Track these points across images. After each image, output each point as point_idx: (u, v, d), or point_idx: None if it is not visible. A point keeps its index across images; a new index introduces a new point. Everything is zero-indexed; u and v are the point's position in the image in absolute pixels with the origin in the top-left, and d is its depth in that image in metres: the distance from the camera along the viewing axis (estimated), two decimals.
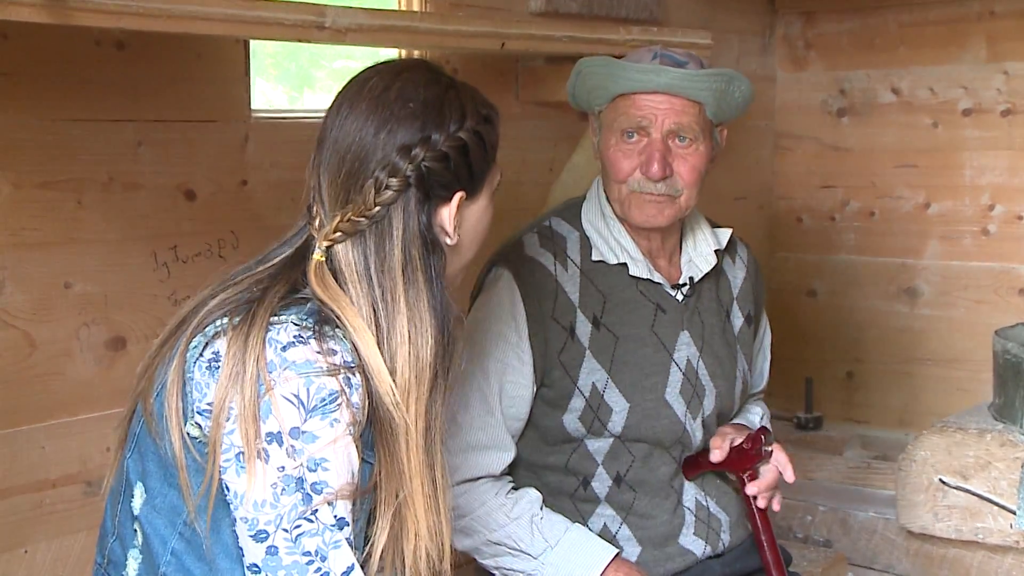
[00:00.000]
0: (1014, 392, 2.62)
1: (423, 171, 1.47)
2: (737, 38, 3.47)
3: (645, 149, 1.95)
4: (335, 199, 1.47)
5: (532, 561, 1.93)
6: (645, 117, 1.95)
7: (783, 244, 3.71)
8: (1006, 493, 2.55)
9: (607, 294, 2.02)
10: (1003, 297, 3.35)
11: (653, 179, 1.94)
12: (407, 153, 1.46)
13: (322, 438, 1.38)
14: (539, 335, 1.97)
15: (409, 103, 1.47)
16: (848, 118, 3.58)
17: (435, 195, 1.49)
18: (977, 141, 3.37)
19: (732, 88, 1.98)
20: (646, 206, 1.97)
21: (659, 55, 1.98)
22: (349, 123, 1.48)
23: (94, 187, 2.04)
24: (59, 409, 2.01)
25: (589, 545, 1.95)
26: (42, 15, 1.67)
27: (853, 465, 3.20)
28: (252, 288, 1.47)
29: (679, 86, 1.93)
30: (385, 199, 1.46)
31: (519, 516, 1.94)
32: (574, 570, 1.92)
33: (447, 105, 1.49)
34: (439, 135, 1.48)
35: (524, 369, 1.97)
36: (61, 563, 2.02)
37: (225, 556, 1.44)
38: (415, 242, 1.47)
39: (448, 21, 2.44)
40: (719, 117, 2.01)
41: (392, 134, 1.46)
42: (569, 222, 2.07)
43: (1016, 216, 3.33)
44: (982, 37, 3.33)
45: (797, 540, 2.88)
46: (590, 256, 2.03)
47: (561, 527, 1.95)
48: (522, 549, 1.94)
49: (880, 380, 3.58)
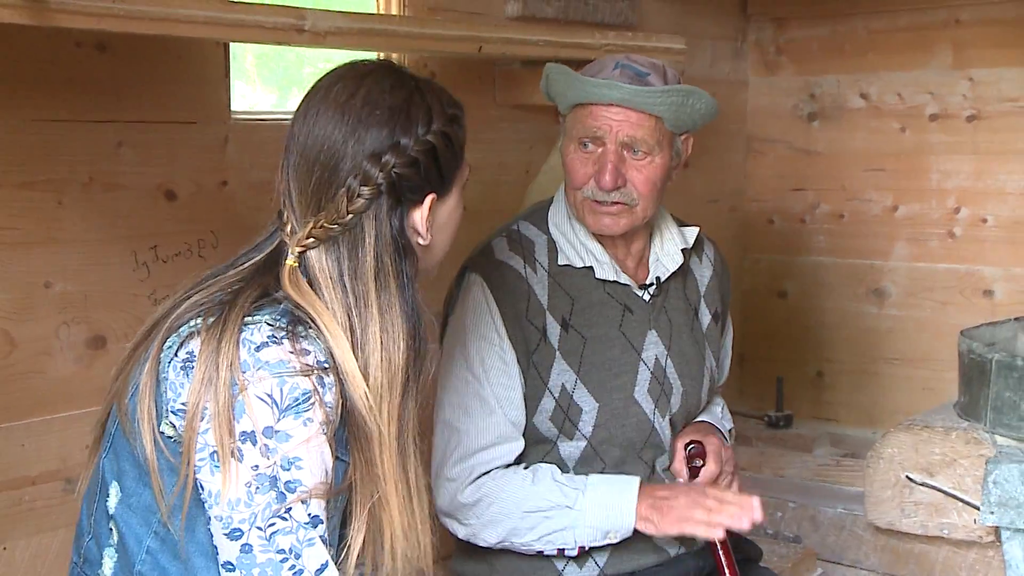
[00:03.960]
0: (979, 391, 2.63)
1: (394, 178, 1.46)
2: (710, 43, 3.49)
3: (599, 159, 1.95)
4: (306, 206, 1.47)
5: (570, 512, 1.93)
6: (600, 128, 1.95)
7: (754, 246, 3.72)
8: (971, 490, 2.56)
9: (575, 297, 2.02)
10: (968, 298, 3.37)
11: (605, 189, 1.94)
12: (377, 160, 1.45)
13: (295, 437, 1.38)
14: (517, 335, 1.98)
15: (376, 109, 1.46)
16: (818, 122, 3.60)
17: (407, 199, 1.49)
18: (943, 146, 3.39)
19: (691, 101, 1.96)
20: (600, 215, 1.98)
21: (620, 66, 1.96)
22: (317, 129, 1.47)
23: (75, 187, 2.03)
24: (39, 407, 2.00)
25: (615, 479, 1.96)
26: (23, 16, 1.66)
27: (822, 462, 3.21)
28: (225, 290, 1.46)
29: (633, 100, 1.93)
30: (357, 207, 1.45)
31: (542, 479, 1.95)
32: (612, 502, 1.93)
33: (414, 108, 1.48)
34: (408, 140, 1.47)
35: (510, 369, 1.97)
36: (40, 560, 2.01)
37: (200, 554, 1.43)
38: (387, 248, 1.47)
39: (426, 25, 2.44)
40: (680, 128, 2.00)
41: (361, 141, 1.45)
42: (536, 226, 2.07)
43: (981, 219, 3.35)
44: (948, 44, 3.35)
45: (767, 536, 2.88)
46: (557, 260, 2.03)
47: (581, 477, 1.96)
48: (556, 504, 1.93)
49: (849, 379, 3.59)
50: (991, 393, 2.58)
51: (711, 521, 1.90)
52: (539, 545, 1.95)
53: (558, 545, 1.94)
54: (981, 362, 2.62)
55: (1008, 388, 2.55)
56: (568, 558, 1.98)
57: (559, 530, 1.93)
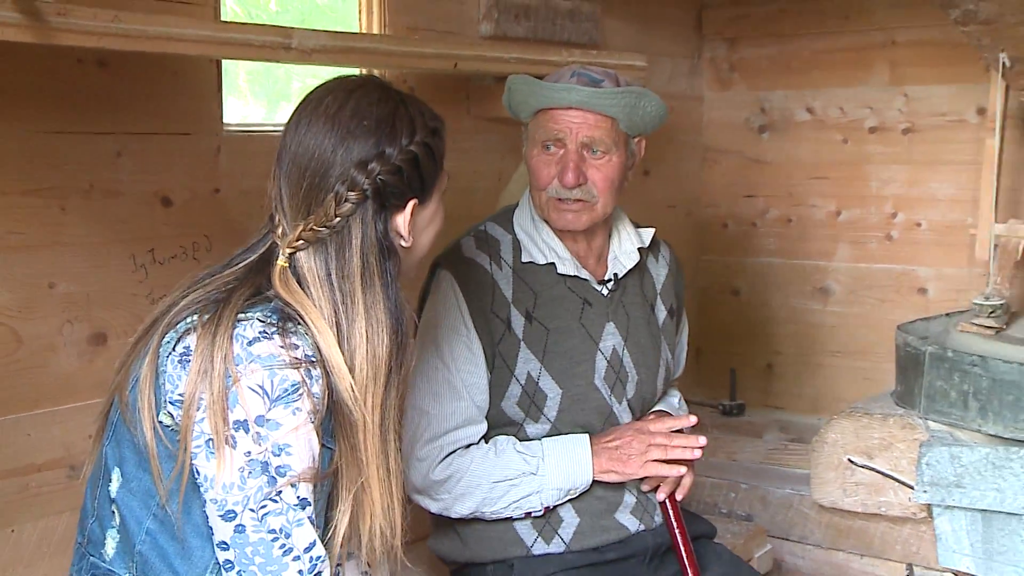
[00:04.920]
0: (913, 381, 2.66)
1: (379, 184, 1.47)
2: (668, 61, 3.49)
3: (561, 159, 1.97)
4: (297, 210, 1.47)
5: (535, 478, 1.94)
6: (561, 130, 1.96)
7: (710, 248, 3.72)
8: (906, 471, 2.59)
9: (538, 291, 2.03)
10: (904, 296, 3.38)
11: (568, 186, 1.96)
12: (364, 168, 1.46)
13: (285, 425, 1.38)
14: (483, 327, 1.98)
15: (363, 120, 1.47)
16: (768, 134, 3.60)
17: (390, 204, 1.49)
18: (881, 156, 3.39)
19: (643, 103, 1.98)
20: (563, 212, 1.99)
21: (577, 73, 1.98)
22: (308, 139, 1.47)
23: (77, 194, 2.02)
24: (44, 399, 1.99)
25: (567, 441, 1.98)
26: (28, 35, 1.66)
27: (772, 447, 3.21)
28: (220, 289, 1.46)
29: (590, 103, 1.94)
30: (345, 211, 1.45)
31: (504, 451, 1.96)
32: (570, 461, 1.95)
33: (398, 121, 1.49)
34: (392, 150, 1.47)
35: (476, 358, 1.97)
36: (46, 542, 2.00)
37: (196, 535, 1.43)
38: (373, 250, 1.47)
39: (405, 43, 2.45)
40: (633, 130, 2.01)
41: (349, 150, 1.46)
42: (502, 226, 2.08)
43: (915, 223, 3.36)
44: (885, 63, 3.36)
45: (722, 515, 2.88)
46: (521, 257, 2.04)
47: (536, 443, 1.98)
48: (522, 472, 1.94)
49: (796, 370, 3.60)
50: (925, 382, 2.61)
51: (669, 459, 1.98)
52: (509, 511, 1.96)
53: (526, 509, 1.96)
54: (916, 354, 2.65)
55: (940, 378, 2.58)
56: (537, 533, 1.99)
57: (526, 496, 1.95)
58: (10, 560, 1.97)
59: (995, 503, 2.43)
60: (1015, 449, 2.42)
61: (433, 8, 2.65)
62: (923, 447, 2.53)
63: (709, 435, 3.22)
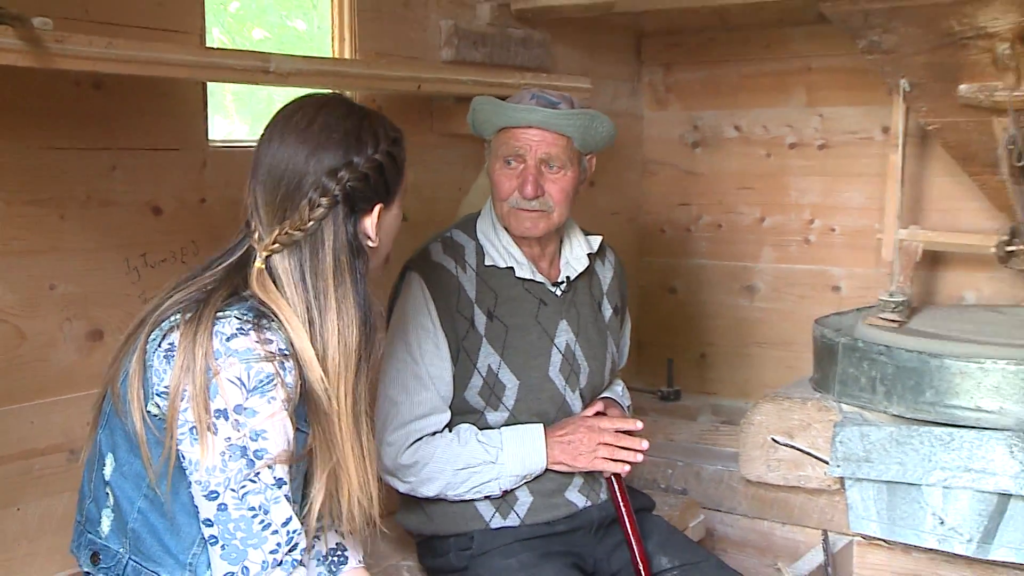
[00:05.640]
0: (829, 368, 2.68)
1: (349, 190, 1.47)
2: (611, 83, 3.50)
3: (522, 173, 1.98)
4: (272, 216, 1.46)
5: (494, 466, 1.95)
6: (522, 147, 1.97)
7: (649, 250, 3.71)
8: (822, 448, 2.61)
9: (498, 292, 2.04)
10: (820, 293, 3.39)
11: (527, 198, 1.97)
12: (335, 176, 1.46)
13: (261, 413, 1.38)
14: (449, 325, 1.99)
15: (332, 133, 1.47)
16: (700, 149, 3.60)
17: (359, 208, 1.50)
18: (799, 169, 3.41)
19: (595, 124, 2.00)
20: (523, 220, 2.00)
21: (536, 96, 2.00)
22: (281, 152, 1.47)
23: (74, 204, 2.00)
24: (46, 390, 1.98)
25: (523, 432, 1.98)
26: (29, 60, 1.65)
27: (704, 428, 3.20)
28: (201, 290, 1.45)
29: (548, 123, 1.96)
30: (318, 215, 1.45)
31: (466, 441, 1.96)
32: (526, 452, 1.96)
33: (364, 133, 1.49)
34: (359, 159, 1.48)
35: (441, 353, 1.98)
36: (48, 519, 1.99)
37: (184, 513, 1.43)
38: (344, 250, 1.47)
39: (374, 67, 2.44)
40: (586, 148, 2.03)
41: (320, 160, 1.46)
42: (466, 233, 2.09)
43: (830, 228, 3.38)
44: (803, 87, 3.37)
45: (660, 489, 2.89)
46: (484, 261, 2.05)
47: (495, 433, 1.98)
48: (483, 461, 1.95)
49: (726, 360, 3.60)
50: (838, 370, 2.63)
51: (615, 457, 1.99)
52: (470, 495, 1.97)
53: (485, 493, 1.97)
54: (831, 345, 2.68)
55: (851, 365, 2.61)
56: (495, 510, 2.00)
57: (486, 482, 1.96)
58: (16, 536, 1.96)
59: (898, 475, 2.46)
60: (915, 428, 2.45)
61: (399, 35, 2.65)
62: (837, 427, 2.55)
63: (649, 418, 3.31)
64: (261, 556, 1.39)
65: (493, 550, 1.99)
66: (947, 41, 2.33)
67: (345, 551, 1.69)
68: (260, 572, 1.38)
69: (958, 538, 2.42)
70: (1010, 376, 2.37)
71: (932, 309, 2.96)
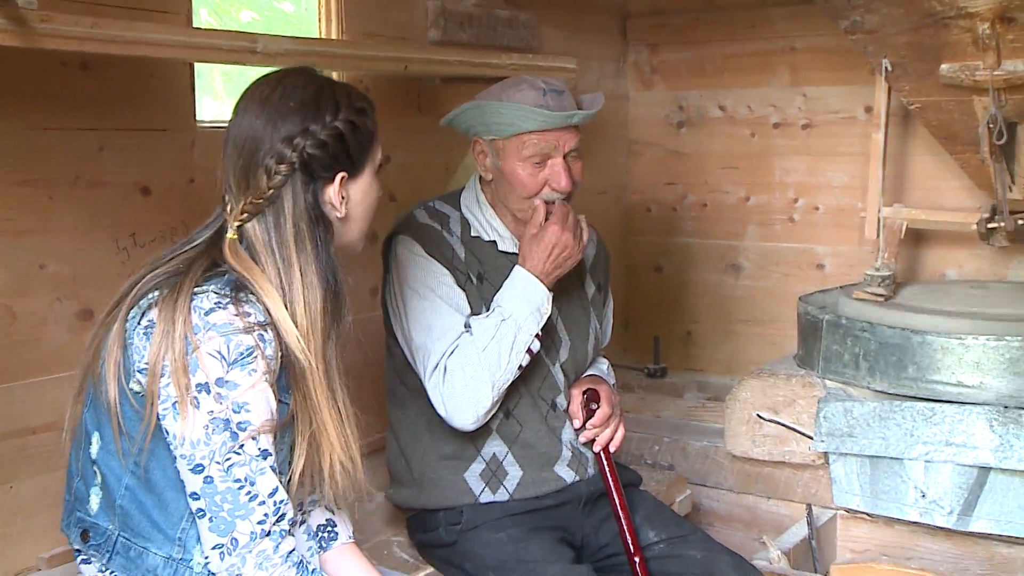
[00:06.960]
0: (813, 345, 2.69)
1: (306, 157, 1.46)
2: (597, 64, 3.50)
3: (552, 168, 1.97)
4: (239, 186, 1.47)
5: (506, 323, 1.91)
6: (555, 146, 1.97)
7: (636, 229, 3.72)
8: (807, 424, 2.62)
9: (483, 261, 2.04)
10: (804, 271, 3.41)
11: (566, 190, 1.99)
12: (290, 143, 1.45)
13: (242, 385, 1.38)
14: (450, 268, 1.98)
15: (290, 102, 1.47)
16: (685, 129, 3.60)
17: (319, 176, 1.49)
18: (784, 148, 3.41)
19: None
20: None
21: (546, 92, 1.96)
22: (243, 123, 1.47)
23: (64, 185, 2.00)
24: (37, 369, 1.98)
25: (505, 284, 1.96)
26: (14, 39, 1.64)
27: (691, 405, 3.21)
28: (179, 265, 1.45)
29: (583, 121, 1.98)
30: (276, 183, 1.45)
31: (475, 328, 1.92)
32: (520, 290, 1.94)
33: (323, 101, 1.48)
34: (317, 126, 1.47)
35: (451, 282, 1.97)
36: (41, 496, 1.99)
37: (171, 488, 1.44)
38: (303, 217, 1.47)
39: (361, 48, 2.44)
40: None
41: (277, 128, 1.45)
42: (450, 204, 2.09)
43: (814, 207, 3.39)
44: (786, 67, 3.37)
45: (647, 465, 2.89)
46: (469, 232, 2.05)
47: (491, 307, 1.96)
48: (494, 326, 1.91)
49: (712, 337, 3.61)
50: (822, 346, 2.65)
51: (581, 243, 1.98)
52: (515, 362, 1.92)
53: (521, 349, 1.93)
54: (815, 322, 2.69)
55: (835, 342, 2.62)
56: (484, 484, 2.00)
57: (512, 341, 1.92)
58: (10, 513, 1.96)
59: (881, 450, 2.47)
60: (898, 403, 2.46)
61: (386, 16, 2.63)
62: (821, 403, 2.56)
63: (636, 395, 3.32)
64: (249, 527, 1.39)
65: (482, 525, 1.99)
66: (928, 21, 2.33)
67: (335, 527, 1.70)
68: (248, 543, 1.39)
69: (939, 511, 2.44)
70: (990, 351, 2.39)
71: (915, 286, 2.97)
